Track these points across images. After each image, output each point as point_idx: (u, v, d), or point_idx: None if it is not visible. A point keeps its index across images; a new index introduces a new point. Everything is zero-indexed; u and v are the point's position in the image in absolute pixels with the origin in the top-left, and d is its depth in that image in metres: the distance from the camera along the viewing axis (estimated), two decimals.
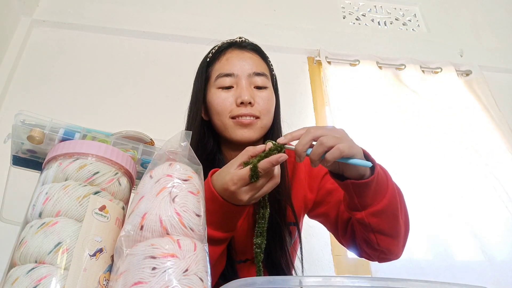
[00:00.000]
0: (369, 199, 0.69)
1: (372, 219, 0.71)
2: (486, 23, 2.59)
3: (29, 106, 1.42)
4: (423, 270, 1.58)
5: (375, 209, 0.70)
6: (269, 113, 0.89)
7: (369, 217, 0.71)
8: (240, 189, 0.64)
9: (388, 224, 0.72)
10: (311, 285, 0.45)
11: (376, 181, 0.68)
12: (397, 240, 0.76)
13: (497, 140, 1.99)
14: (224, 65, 0.90)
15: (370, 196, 0.69)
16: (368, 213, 0.70)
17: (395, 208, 0.72)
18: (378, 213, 0.70)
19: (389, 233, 0.74)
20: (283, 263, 0.84)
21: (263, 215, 0.66)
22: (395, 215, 0.72)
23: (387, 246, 0.75)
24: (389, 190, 0.71)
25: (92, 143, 0.60)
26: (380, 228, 0.72)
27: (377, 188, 0.69)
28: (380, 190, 0.69)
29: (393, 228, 0.73)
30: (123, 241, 0.50)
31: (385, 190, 0.70)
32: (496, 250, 1.68)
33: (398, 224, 0.73)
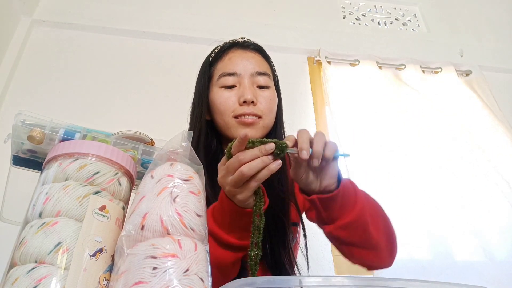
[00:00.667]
0: (336, 213, 0.69)
1: (341, 232, 0.71)
2: (486, 23, 2.59)
3: (29, 106, 1.42)
4: (423, 269, 1.58)
5: (342, 223, 0.69)
6: (272, 113, 0.89)
7: (337, 230, 0.71)
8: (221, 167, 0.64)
9: (358, 236, 0.72)
10: (311, 285, 0.45)
11: (342, 195, 0.68)
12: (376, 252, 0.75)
13: (497, 140, 1.99)
14: (227, 64, 0.90)
15: (336, 210, 0.69)
16: (336, 226, 0.70)
17: (363, 221, 0.71)
18: (346, 226, 0.70)
19: (361, 245, 0.73)
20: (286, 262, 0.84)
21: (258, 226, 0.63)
22: (364, 227, 0.71)
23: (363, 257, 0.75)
24: (357, 204, 0.70)
25: (92, 143, 0.60)
26: (351, 241, 0.72)
27: (344, 202, 0.69)
28: (347, 204, 0.69)
29: (366, 240, 0.73)
30: (124, 241, 0.50)
31: (352, 203, 0.70)
32: (496, 250, 1.68)
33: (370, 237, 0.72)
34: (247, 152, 0.60)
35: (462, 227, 1.70)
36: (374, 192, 1.77)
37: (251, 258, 0.62)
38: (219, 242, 0.68)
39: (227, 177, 0.62)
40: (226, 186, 0.63)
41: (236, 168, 0.60)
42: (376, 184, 1.71)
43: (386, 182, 1.74)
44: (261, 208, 0.64)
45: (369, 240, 0.73)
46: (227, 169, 0.62)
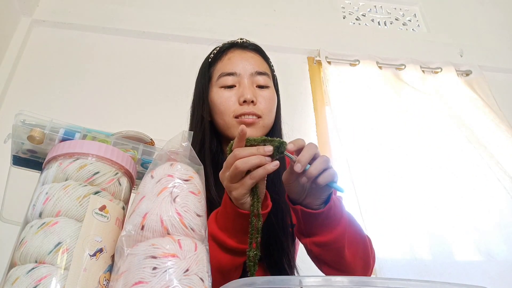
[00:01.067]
0: (315, 229, 0.69)
1: (315, 248, 0.71)
2: (486, 23, 2.59)
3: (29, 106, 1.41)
4: (423, 269, 1.58)
5: (318, 240, 0.69)
6: (271, 113, 0.90)
7: (311, 245, 0.71)
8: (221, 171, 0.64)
9: (332, 257, 0.72)
10: (311, 285, 0.45)
11: (325, 216, 0.67)
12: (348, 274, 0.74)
13: (497, 140, 1.99)
14: (226, 64, 0.90)
15: (316, 227, 0.69)
16: (311, 241, 0.70)
17: (340, 245, 0.70)
18: (321, 245, 0.70)
19: (332, 266, 0.73)
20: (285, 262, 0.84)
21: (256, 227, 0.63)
22: (339, 251, 0.71)
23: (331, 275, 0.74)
24: (339, 228, 0.69)
25: (92, 143, 0.60)
26: (323, 258, 0.73)
27: (326, 223, 0.68)
28: (329, 225, 0.69)
29: (337, 262, 0.73)
30: (124, 241, 0.50)
31: (334, 226, 0.69)
32: (496, 250, 1.68)
33: (343, 261, 0.72)
34: (244, 149, 0.61)
35: (463, 227, 1.70)
36: (374, 192, 1.78)
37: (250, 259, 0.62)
38: (221, 247, 0.68)
39: (225, 172, 0.63)
40: (224, 181, 0.64)
41: (232, 163, 0.61)
42: (376, 183, 1.71)
43: (386, 181, 1.74)
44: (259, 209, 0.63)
45: (341, 263, 0.73)
46: (225, 165, 0.63)
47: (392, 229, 1.62)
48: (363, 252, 0.77)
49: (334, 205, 0.68)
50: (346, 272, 0.74)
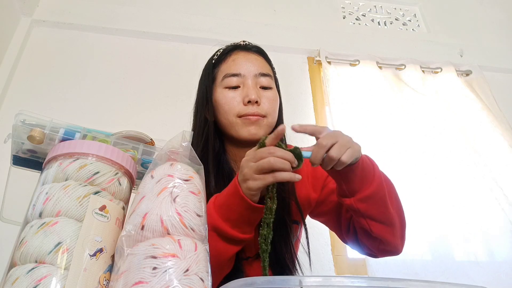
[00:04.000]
0: (356, 185, 0.73)
1: (360, 205, 0.74)
2: (486, 23, 2.59)
3: (29, 106, 1.42)
4: (423, 270, 1.58)
5: (362, 195, 0.73)
6: (274, 113, 0.92)
7: (357, 203, 0.74)
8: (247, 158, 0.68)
9: (377, 210, 0.75)
10: (311, 285, 0.45)
11: (362, 168, 0.71)
12: (391, 229, 0.78)
13: (496, 140, 1.99)
14: (231, 65, 0.92)
15: (356, 182, 0.72)
16: (356, 199, 0.74)
17: (382, 195, 0.75)
18: (366, 199, 0.73)
19: (379, 219, 0.76)
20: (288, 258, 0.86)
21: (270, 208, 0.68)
22: (383, 201, 0.75)
23: (381, 234, 0.77)
24: (376, 178, 0.74)
25: (92, 143, 0.60)
26: (370, 214, 0.75)
27: (363, 175, 0.72)
28: (366, 177, 0.73)
29: (383, 214, 0.76)
30: (124, 241, 0.50)
31: (371, 177, 0.73)
32: (496, 250, 1.68)
33: (387, 211, 0.76)
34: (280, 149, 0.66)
35: (462, 227, 1.70)
36: None
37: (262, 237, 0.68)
38: (221, 236, 0.70)
39: (250, 162, 0.66)
40: (245, 169, 0.67)
41: (263, 157, 0.65)
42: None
43: None
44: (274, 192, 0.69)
45: (387, 214, 0.76)
46: (255, 155, 0.66)
47: None
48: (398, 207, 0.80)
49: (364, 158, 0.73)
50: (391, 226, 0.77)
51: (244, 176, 0.67)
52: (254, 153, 0.67)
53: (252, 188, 0.67)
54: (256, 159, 0.66)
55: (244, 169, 0.67)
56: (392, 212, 0.76)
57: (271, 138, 0.67)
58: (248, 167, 0.67)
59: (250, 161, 0.67)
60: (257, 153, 0.66)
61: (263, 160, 0.65)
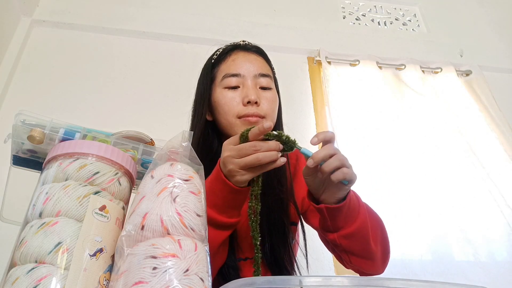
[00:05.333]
0: (341, 223, 0.73)
1: (343, 241, 0.75)
2: (486, 23, 2.59)
3: (29, 106, 1.42)
4: (422, 270, 1.58)
5: (345, 232, 0.74)
6: (273, 114, 0.92)
7: (340, 239, 0.75)
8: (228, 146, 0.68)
9: (359, 246, 0.76)
10: (311, 285, 0.45)
11: (348, 207, 0.72)
12: (372, 261, 0.79)
13: (495, 141, 1.99)
14: (231, 65, 0.92)
15: (341, 220, 0.73)
16: (340, 235, 0.75)
17: (365, 232, 0.75)
18: (349, 236, 0.74)
19: (360, 255, 0.77)
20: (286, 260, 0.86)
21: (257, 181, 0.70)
22: (365, 238, 0.76)
23: (360, 265, 0.79)
24: (360, 216, 0.74)
25: (92, 143, 0.60)
26: (351, 250, 0.76)
27: (348, 213, 0.73)
28: (351, 215, 0.74)
29: (364, 250, 0.77)
30: (124, 241, 0.50)
31: (356, 215, 0.74)
32: (496, 250, 1.68)
33: (369, 247, 0.77)
34: (264, 143, 0.65)
35: (462, 228, 1.70)
36: (374, 192, 1.78)
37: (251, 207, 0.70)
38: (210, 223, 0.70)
39: (234, 158, 0.66)
40: (231, 165, 0.67)
41: (249, 153, 0.65)
42: (376, 183, 1.71)
43: (386, 181, 1.74)
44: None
45: (368, 250, 0.77)
46: (238, 151, 0.66)
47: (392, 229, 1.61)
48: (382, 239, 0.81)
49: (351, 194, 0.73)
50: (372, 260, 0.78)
51: (230, 173, 0.68)
52: (237, 149, 0.66)
53: (241, 182, 0.68)
54: (240, 156, 0.65)
55: (229, 165, 0.67)
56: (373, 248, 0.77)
57: (254, 133, 0.66)
58: (233, 163, 0.66)
59: (234, 158, 0.66)
60: (241, 150, 0.66)
61: (249, 157, 0.65)
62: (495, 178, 1.83)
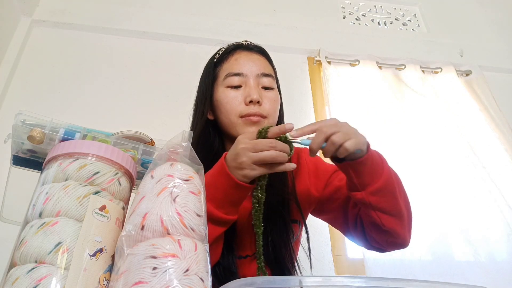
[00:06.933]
0: (367, 179, 0.74)
1: (372, 198, 0.75)
2: (486, 23, 2.59)
3: (29, 106, 1.42)
4: (423, 270, 1.58)
5: (373, 188, 0.74)
6: (275, 113, 0.92)
7: (368, 196, 0.75)
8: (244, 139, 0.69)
9: (387, 202, 0.76)
10: (311, 285, 0.45)
11: (371, 161, 0.73)
12: (400, 221, 0.78)
13: (495, 141, 1.99)
14: (233, 65, 0.92)
15: (367, 176, 0.73)
16: (367, 192, 0.74)
17: (392, 187, 0.76)
18: (376, 192, 0.74)
19: (389, 212, 0.77)
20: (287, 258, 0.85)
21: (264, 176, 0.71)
22: (393, 193, 0.76)
23: (391, 226, 0.78)
24: (385, 171, 0.75)
25: (92, 143, 0.60)
26: (380, 206, 0.76)
27: (373, 168, 0.74)
28: (376, 170, 0.74)
29: (393, 206, 0.77)
30: (124, 241, 0.50)
31: (380, 170, 0.75)
32: (496, 250, 1.68)
33: (397, 203, 0.77)
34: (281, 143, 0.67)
35: (462, 228, 1.70)
36: None
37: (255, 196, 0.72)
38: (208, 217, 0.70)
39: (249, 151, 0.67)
40: (244, 157, 0.67)
41: (265, 149, 0.66)
42: None
43: None
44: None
45: (396, 207, 0.77)
46: (255, 145, 0.67)
47: None
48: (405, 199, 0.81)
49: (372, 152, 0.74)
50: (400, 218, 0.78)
51: (241, 165, 0.68)
52: (254, 143, 0.67)
53: (249, 177, 0.69)
54: (256, 150, 0.66)
55: (242, 157, 0.67)
56: (401, 204, 0.77)
57: (274, 131, 0.67)
58: (247, 156, 0.67)
59: (248, 150, 0.67)
60: (258, 144, 0.67)
61: (265, 153, 0.66)
62: (495, 178, 1.83)
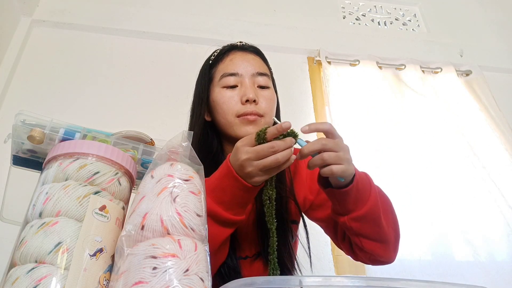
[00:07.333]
0: (350, 206, 0.73)
1: (354, 224, 0.74)
2: (486, 23, 2.59)
3: (29, 106, 1.42)
4: (423, 270, 1.58)
5: (355, 215, 0.73)
6: (272, 112, 0.92)
7: (350, 221, 0.74)
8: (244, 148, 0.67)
9: (370, 229, 0.75)
10: (311, 285, 0.45)
11: (357, 190, 0.71)
12: (385, 245, 0.78)
13: (495, 141, 1.99)
14: (228, 65, 0.93)
15: (351, 203, 0.73)
16: (350, 218, 0.74)
17: (376, 215, 0.75)
18: (359, 219, 0.74)
19: (372, 238, 0.76)
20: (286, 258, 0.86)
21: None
22: (376, 221, 0.75)
23: (372, 249, 0.78)
24: (371, 198, 0.74)
25: (92, 143, 0.60)
26: (362, 232, 0.76)
27: (358, 196, 0.72)
28: (361, 198, 0.73)
29: (376, 233, 0.76)
30: (124, 241, 0.50)
31: (366, 198, 0.73)
32: (496, 250, 1.68)
33: (381, 230, 0.76)
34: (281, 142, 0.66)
35: (462, 228, 1.70)
36: None
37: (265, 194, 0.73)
38: (215, 219, 0.71)
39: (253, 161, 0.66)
40: (250, 168, 0.67)
41: (267, 154, 0.65)
42: (375, 183, 1.71)
43: (385, 181, 1.73)
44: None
45: (380, 233, 0.76)
46: (257, 153, 0.66)
47: None
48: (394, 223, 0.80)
49: (361, 177, 0.73)
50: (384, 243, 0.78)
51: (249, 174, 0.67)
52: (255, 152, 0.66)
53: (259, 182, 0.69)
54: (259, 158, 0.66)
55: (247, 168, 0.67)
56: (386, 230, 0.77)
57: (272, 132, 0.66)
58: (252, 166, 0.66)
59: (252, 160, 0.66)
60: (259, 152, 0.66)
61: (268, 159, 0.65)
62: (495, 178, 1.83)
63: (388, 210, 0.79)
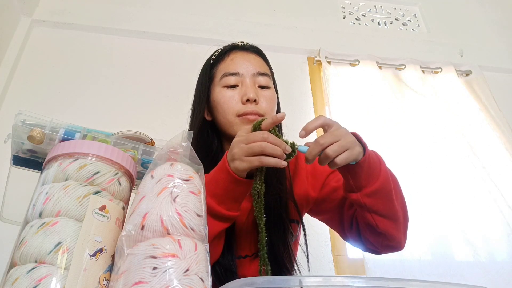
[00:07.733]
0: (363, 181, 0.73)
1: (367, 200, 0.75)
2: (486, 23, 2.59)
3: (29, 106, 1.42)
4: (422, 270, 1.58)
5: (369, 190, 0.74)
6: (272, 112, 0.93)
7: (364, 197, 0.74)
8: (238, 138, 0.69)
9: (383, 205, 0.76)
10: (311, 285, 0.45)
11: (368, 164, 0.72)
12: (395, 224, 0.78)
13: (495, 141, 1.99)
14: (229, 65, 0.93)
15: (363, 178, 0.73)
16: (363, 194, 0.74)
17: (388, 190, 0.75)
18: (372, 194, 0.74)
19: (385, 214, 0.76)
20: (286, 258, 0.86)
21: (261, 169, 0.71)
22: (389, 196, 0.76)
23: (386, 229, 0.77)
24: (382, 173, 0.74)
25: (92, 143, 0.60)
26: (376, 209, 0.76)
27: (370, 171, 0.73)
28: (373, 173, 0.73)
29: (389, 209, 0.76)
30: (124, 241, 0.50)
31: (377, 173, 0.74)
32: (496, 250, 1.68)
33: (393, 206, 0.76)
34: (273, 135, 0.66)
35: (462, 228, 1.70)
36: None
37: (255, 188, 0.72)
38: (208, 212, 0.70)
39: (242, 143, 0.68)
40: (236, 148, 0.68)
41: (256, 140, 0.66)
42: None
43: None
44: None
45: (392, 209, 0.76)
46: (247, 137, 0.67)
47: None
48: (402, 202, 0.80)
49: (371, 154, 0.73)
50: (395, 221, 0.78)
51: (233, 156, 0.68)
52: (246, 135, 0.68)
53: (238, 169, 0.68)
54: (248, 142, 0.67)
55: (234, 149, 0.68)
56: (397, 207, 0.77)
57: (267, 122, 0.68)
58: (238, 147, 0.68)
59: (241, 142, 0.68)
60: (250, 136, 0.67)
61: (255, 144, 0.66)
62: (495, 178, 1.83)
63: (397, 188, 0.80)
